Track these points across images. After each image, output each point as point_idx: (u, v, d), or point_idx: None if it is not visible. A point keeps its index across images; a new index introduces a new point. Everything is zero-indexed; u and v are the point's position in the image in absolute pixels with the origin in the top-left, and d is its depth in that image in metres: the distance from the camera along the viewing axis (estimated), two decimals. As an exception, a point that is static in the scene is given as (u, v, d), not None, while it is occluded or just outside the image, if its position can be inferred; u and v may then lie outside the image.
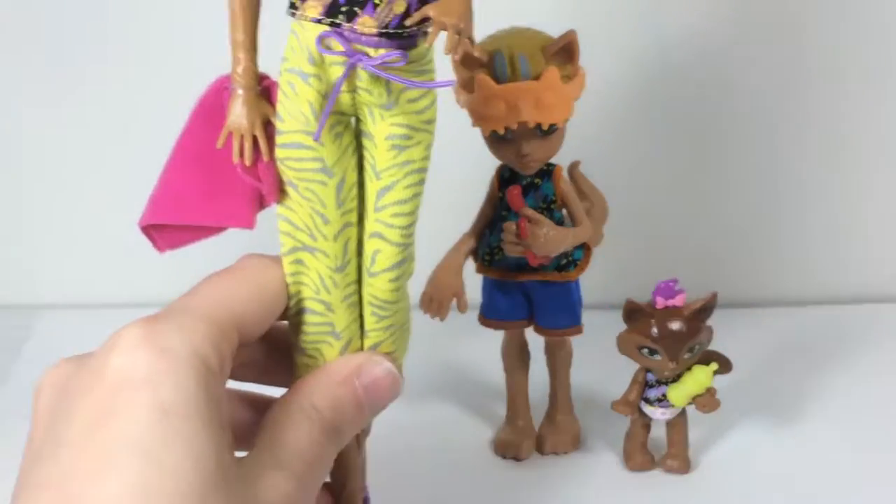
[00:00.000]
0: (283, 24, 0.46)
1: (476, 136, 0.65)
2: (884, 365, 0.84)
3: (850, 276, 0.95)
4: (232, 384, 0.49)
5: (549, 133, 0.64)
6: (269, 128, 0.48)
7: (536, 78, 0.63)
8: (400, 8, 0.45)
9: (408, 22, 0.45)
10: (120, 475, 0.39)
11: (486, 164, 0.67)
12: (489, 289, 0.71)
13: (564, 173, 0.68)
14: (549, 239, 0.65)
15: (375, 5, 0.44)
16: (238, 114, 0.47)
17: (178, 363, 0.42)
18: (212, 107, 0.49)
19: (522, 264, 0.68)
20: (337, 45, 0.45)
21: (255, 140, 0.48)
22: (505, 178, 0.67)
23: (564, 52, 0.63)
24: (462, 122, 0.64)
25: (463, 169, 0.70)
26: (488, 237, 0.69)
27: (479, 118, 0.64)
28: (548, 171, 0.67)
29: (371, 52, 0.45)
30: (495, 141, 0.65)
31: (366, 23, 0.44)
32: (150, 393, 0.40)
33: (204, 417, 0.41)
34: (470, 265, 0.69)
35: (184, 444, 0.40)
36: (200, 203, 0.49)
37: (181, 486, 0.39)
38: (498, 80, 0.63)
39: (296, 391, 0.49)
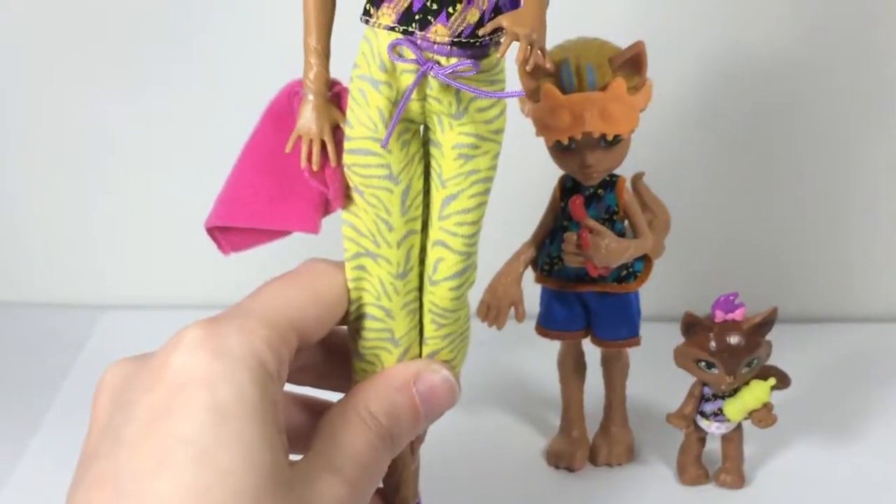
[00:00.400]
0: (356, 31, 0.47)
1: (539, 145, 0.65)
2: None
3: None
4: (289, 387, 0.50)
5: (613, 144, 0.64)
6: (337, 133, 0.48)
7: (603, 88, 0.63)
8: (473, 17, 0.45)
9: (481, 32, 0.45)
10: (175, 474, 0.39)
11: (549, 174, 0.67)
12: (547, 299, 0.70)
13: (628, 185, 0.68)
14: (609, 250, 0.64)
15: (449, 14, 0.44)
16: (308, 118, 0.48)
17: (237, 365, 0.42)
18: (282, 111, 0.49)
19: (582, 275, 0.67)
20: (409, 53, 0.45)
21: (323, 145, 0.48)
22: (567, 187, 0.67)
23: (632, 62, 0.63)
24: (525, 130, 0.64)
25: (525, 178, 0.71)
26: (548, 247, 0.68)
27: (543, 128, 0.63)
28: (611, 182, 0.67)
29: (443, 60, 0.45)
30: (559, 151, 0.64)
31: (438, 31, 0.44)
32: (208, 394, 0.41)
33: (260, 420, 0.41)
34: (529, 274, 0.69)
35: (239, 446, 0.40)
36: (267, 206, 0.49)
37: (235, 487, 0.39)
38: (564, 90, 0.63)
39: (353, 396, 0.49)
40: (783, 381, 0.69)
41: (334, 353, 0.53)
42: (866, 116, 0.88)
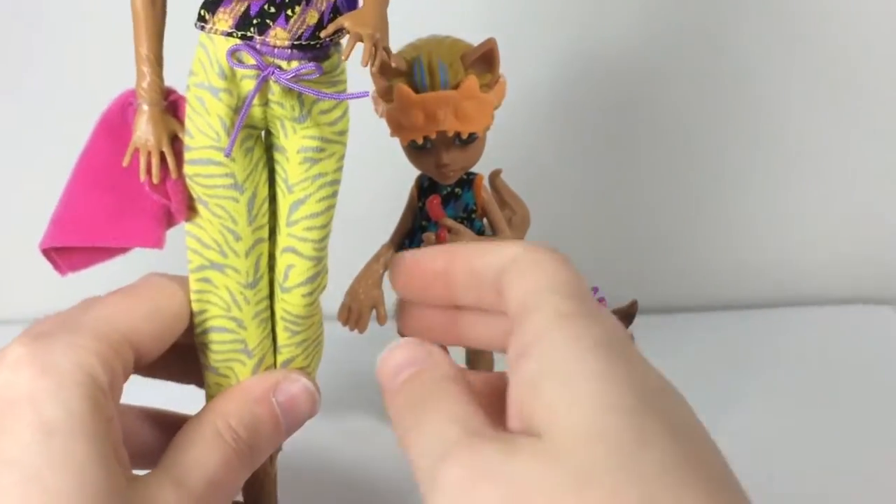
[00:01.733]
0: (190, 36, 0.45)
1: (395, 145, 0.64)
2: (801, 368, 0.85)
3: (765, 279, 0.96)
4: (142, 402, 0.48)
5: (468, 142, 0.63)
6: (176, 144, 0.47)
7: (456, 87, 0.62)
8: (312, 19, 0.44)
9: (322, 34, 0.44)
10: (1, 498, 0.38)
11: (406, 174, 0.66)
12: (408, 299, 0.70)
13: (485, 182, 0.67)
14: (468, 249, 0.64)
15: (288, 17, 0.44)
16: (144, 130, 0.46)
17: (64, 381, 0.41)
18: (115, 123, 0.47)
19: (442, 275, 0.67)
20: (249, 58, 0.44)
21: (162, 156, 0.46)
22: (424, 187, 0.66)
23: (484, 60, 0.62)
24: (380, 130, 0.63)
25: (382, 179, 0.70)
26: (407, 248, 0.68)
27: (397, 128, 0.63)
28: (468, 181, 0.66)
29: (283, 64, 0.44)
30: (414, 151, 0.64)
31: (278, 35, 0.44)
32: (34, 412, 0.40)
33: (91, 436, 0.40)
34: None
35: (68, 465, 0.39)
36: (106, 223, 0.48)
37: None
38: (417, 90, 0.62)
39: (210, 410, 0.48)
40: (646, 373, 0.69)
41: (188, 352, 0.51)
42: (723, 113, 0.90)
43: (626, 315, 0.67)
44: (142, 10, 0.45)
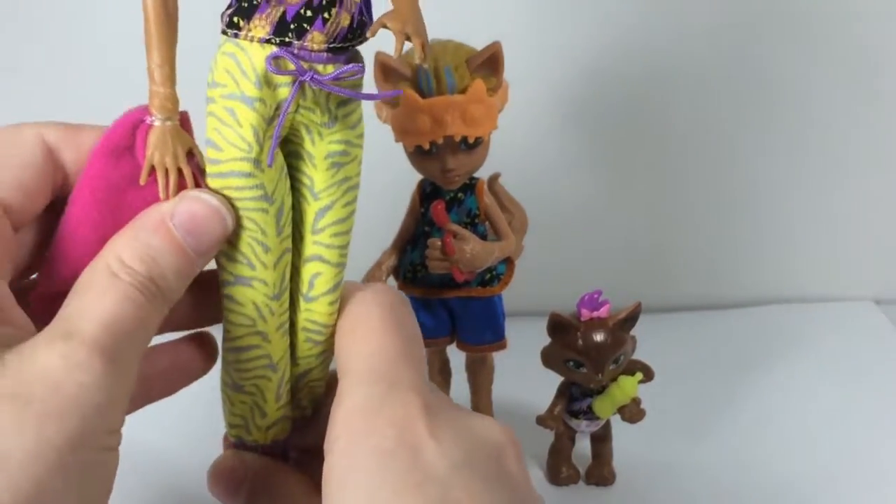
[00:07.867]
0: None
1: (395, 149, 0.63)
2: (802, 365, 0.85)
3: (764, 277, 0.97)
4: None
5: (474, 146, 0.62)
6: (190, 160, 0.45)
7: (462, 91, 0.61)
8: (346, 21, 0.44)
9: (369, 34, 0.44)
10: None
11: (407, 179, 0.66)
12: (412, 307, 0.69)
13: (486, 187, 0.67)
14: (475, 254, 0.63)
15: (325, 20, 0.43)
16: (162, 147, 0.44)
17: None
18: (123, 144, 0.45)
19: (446, 281, 0.66)
20: (288, 64, 0.43)
21: (180, 173, 0.45)
22: (427, 192, 0.66)
23: (489, 63, 0.62)
24: (381, 134, 0.62)
25: (381, 183, 0.69)
26: (410, 254, 0.67)
27: (402, 133, 0.62)
28: (470, 185, 0.66)
29: (320, 68, 0.44)
30: (419, 156, 0.63)
31: (315, 39, 0.43)
32: None
33: None
34: (391, 283, 0.68)
35: None
36: None
37: None
38: (422, 94, 0.61)
39: (104, 251, 0.44)
40: (648, 374, 0.69)
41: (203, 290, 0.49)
42: (723, 115, 0.90)
43: (630, 317, 0.66)
44: (155, 22, 0.43)
